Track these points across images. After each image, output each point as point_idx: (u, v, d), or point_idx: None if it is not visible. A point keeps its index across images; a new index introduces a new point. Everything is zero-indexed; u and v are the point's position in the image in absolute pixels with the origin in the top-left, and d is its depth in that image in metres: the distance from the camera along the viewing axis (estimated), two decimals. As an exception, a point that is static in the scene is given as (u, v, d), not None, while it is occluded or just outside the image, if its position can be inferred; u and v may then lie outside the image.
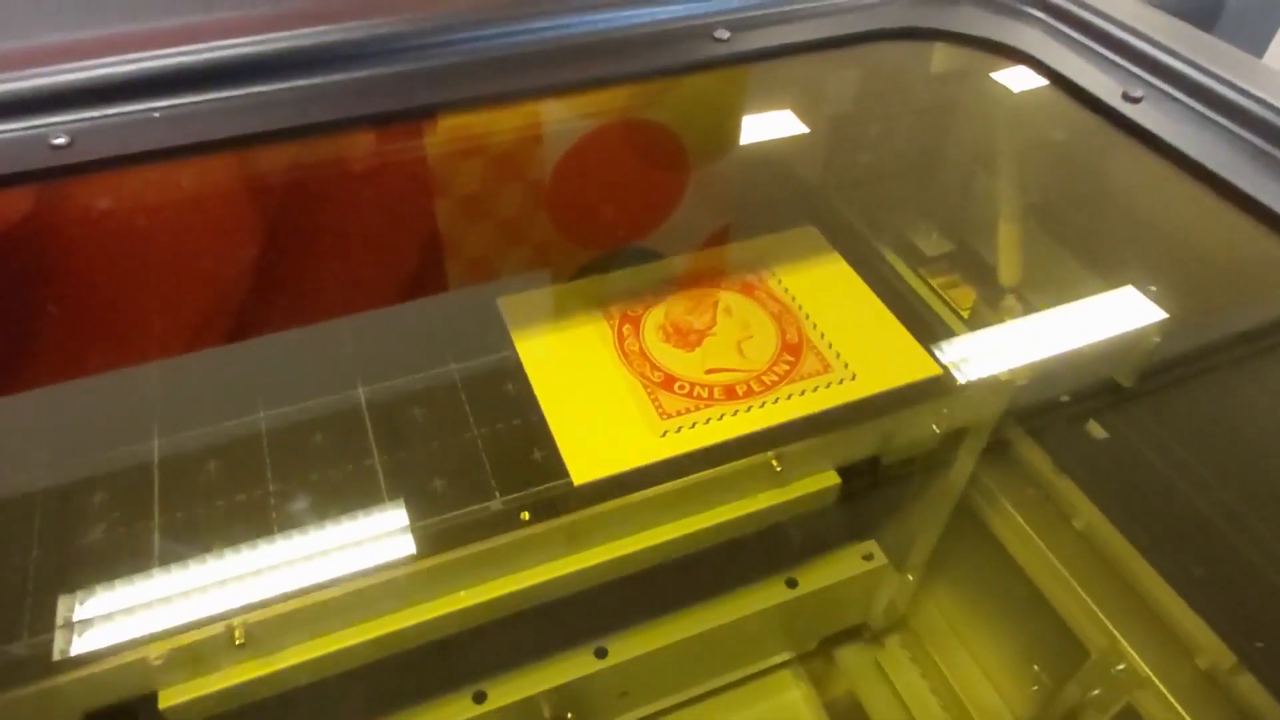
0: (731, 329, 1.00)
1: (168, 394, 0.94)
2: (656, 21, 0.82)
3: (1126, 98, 0.76)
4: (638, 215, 1.17)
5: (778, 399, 0.91)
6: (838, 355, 0.96)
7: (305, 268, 1.00)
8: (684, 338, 0.98)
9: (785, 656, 1.32)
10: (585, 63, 0.81)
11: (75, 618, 0.72)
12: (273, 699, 0.80)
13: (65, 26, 0.74)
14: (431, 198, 1.01)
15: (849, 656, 1.40)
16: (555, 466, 0.83)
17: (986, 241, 1.16)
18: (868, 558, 1.21)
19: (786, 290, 1.05)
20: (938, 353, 0.96)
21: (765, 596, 1.16)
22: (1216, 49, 0.77)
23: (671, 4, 0.82)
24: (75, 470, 0.86)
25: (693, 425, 0.88)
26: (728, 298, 1.04)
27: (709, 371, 0.94)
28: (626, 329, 0.99)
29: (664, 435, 0.86)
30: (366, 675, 0.87)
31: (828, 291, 1.05)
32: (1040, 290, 1.11)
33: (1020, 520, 1.18)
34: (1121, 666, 1.04)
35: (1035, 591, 1.17)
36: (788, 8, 0.85)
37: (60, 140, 0.68)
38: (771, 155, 1.19)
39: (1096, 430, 1.09)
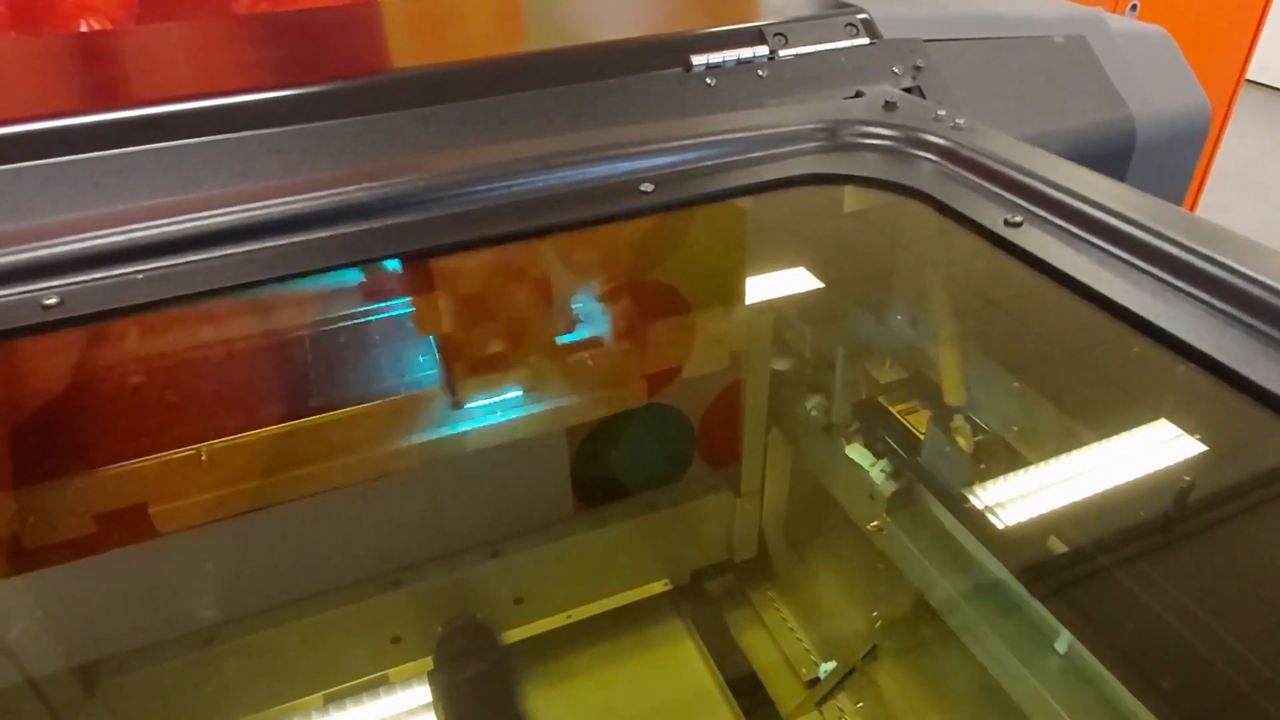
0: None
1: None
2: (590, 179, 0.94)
3: (1008, 223, 0.84)
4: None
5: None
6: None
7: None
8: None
9: (663, 583, 1.54)
10: (530, 215, 0.91)
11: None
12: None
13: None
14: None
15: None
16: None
17: (931, 364, 1.21)
18: (714, 487, 1.50)
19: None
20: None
21: (631, 511, 1.46)
22: (1084, 177, 0.85)
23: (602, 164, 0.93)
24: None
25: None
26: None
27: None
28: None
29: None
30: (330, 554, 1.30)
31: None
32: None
33: (1003, 646, 1.16)
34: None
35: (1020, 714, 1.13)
36: (709, 162, 0.96)
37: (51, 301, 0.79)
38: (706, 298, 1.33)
39: (1058, 545, 1.08)
